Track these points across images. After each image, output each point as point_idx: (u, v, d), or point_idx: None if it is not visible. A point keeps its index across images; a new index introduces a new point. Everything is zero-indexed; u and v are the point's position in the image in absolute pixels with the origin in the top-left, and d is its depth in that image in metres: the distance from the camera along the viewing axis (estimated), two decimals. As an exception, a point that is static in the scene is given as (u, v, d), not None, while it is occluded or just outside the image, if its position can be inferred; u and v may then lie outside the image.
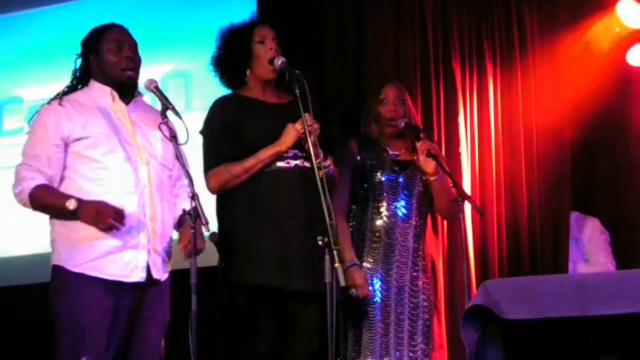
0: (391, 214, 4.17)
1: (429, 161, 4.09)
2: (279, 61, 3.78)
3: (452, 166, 4.54)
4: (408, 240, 4.16)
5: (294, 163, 3.79)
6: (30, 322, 4.68)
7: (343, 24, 5.07)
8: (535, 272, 4.50)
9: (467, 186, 4.62)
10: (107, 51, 3.56)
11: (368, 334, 4.10)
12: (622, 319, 3.27)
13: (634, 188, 4.88)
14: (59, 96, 3.57)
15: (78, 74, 3.63)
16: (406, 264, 4.14)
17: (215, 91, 4.03)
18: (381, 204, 4.18)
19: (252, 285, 3.69)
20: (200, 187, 3.55)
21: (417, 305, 4.14)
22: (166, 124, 3.47)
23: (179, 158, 3.47)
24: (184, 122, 3.42)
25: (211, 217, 3.42)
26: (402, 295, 4.13)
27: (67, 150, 3.49)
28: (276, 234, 3.70)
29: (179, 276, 3.58)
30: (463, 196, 4.01)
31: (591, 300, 3.31)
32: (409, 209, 4.19)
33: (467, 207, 4.30)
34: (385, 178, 4.20)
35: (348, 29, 5.05)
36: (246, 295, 3.71)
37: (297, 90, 3.66)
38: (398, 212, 4.18)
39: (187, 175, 3.41)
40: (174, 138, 3.49)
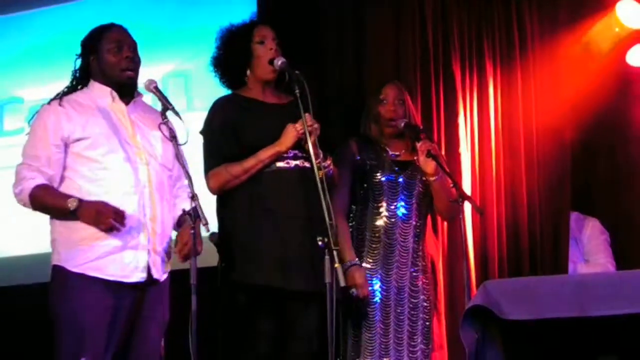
0: (391, 214, 4.17)
1: (429, 161, 4.08)
2: (279, 61, 3.78)
3: (452, 166, 4.54)
4: (408, 240, 4.16)
5: (293, 163, 3.78)
6: (30, 322, 4.68)
7: (343, 24, 5.06)
8: (535, 273, 4.50)
9: (467, 186, 4.61)
10: (107, 51, 3.56)
11: (367, 334, 4.09)
12: (621, 319, 3.27)
13: (634, 188, 4.87)
14: (59, 96, 3.57)
15: (78, 74, 3.63)
16: (406, 264, 4.14)
17: (215, 91, 4.03)
18: (381, 204, 4.18)
19: (252, 285, 3.69)
20: (200, 187, 3.55)
21: (416, 305, 4.13)
22: (166, 124, 3.47)
23: (178, 158, 3.47)
24: (183, 122, 3.42)
25: (211, 217, 3.42)
26: (402, 296, 4.12)
27: (67, 150, 3.49)
28: (276, 234, 3.70)
29: (178, 276, 3.58)
30: (463, 196, 4.01)
31: (591, 300, 3.30)
32: (408, 209, 4.19)
33: (467, 207, 4.30)
34: (385, 178, 4.20)
35: (348, 29, 5.05)
36: (246, 296, 3.71)
37: (297, 91, 3.66)
38: (398, 213, 4.17)
39: (186, 176, 3.40)
40: (173, 138, 3.49)
